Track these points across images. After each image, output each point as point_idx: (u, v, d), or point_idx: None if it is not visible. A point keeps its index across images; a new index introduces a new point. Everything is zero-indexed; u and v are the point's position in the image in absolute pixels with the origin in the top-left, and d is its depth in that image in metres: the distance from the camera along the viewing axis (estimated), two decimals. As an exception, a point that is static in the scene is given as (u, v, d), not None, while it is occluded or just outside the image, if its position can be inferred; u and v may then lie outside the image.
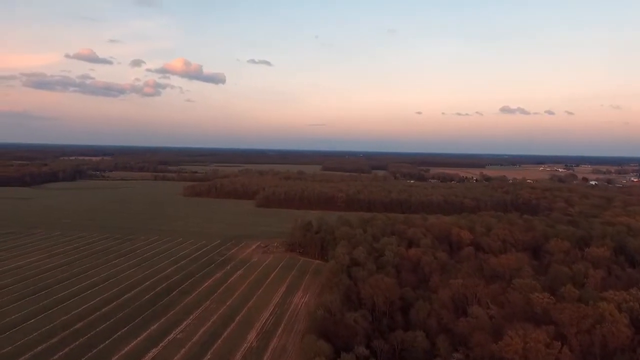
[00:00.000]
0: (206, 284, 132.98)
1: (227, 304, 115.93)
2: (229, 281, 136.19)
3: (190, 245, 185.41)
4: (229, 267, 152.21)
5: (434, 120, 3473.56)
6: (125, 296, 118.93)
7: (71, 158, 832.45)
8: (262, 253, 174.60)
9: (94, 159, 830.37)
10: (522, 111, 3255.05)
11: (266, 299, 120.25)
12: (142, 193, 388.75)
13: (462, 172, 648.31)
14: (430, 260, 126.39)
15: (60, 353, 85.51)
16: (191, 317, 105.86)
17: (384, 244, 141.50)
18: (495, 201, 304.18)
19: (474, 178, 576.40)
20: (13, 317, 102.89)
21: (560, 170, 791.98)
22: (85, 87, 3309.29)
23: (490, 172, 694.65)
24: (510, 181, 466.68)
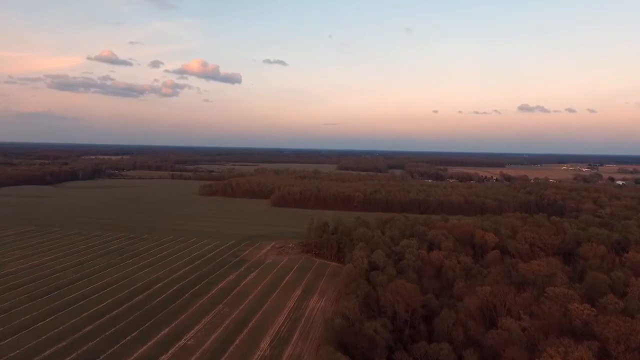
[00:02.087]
0: (219, 286, 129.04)
1: (240, 308, 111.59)
2: (242, 283, 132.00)
3: (205, 245, 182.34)
4: (243, 269, 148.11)
5: (451, 118, 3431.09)
6: (137, 298, 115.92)
7: (91, 157, 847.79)
8: (277, 254, 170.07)
9: (113, 158, 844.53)
10: (542, 109, 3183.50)
11: (281, 303, 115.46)
12: (158, 192, 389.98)
13: (481, 172, 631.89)
14: (453, 264, 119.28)
15: (67, 359, 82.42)
16: (203, 321, 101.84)
17: (404, 246, 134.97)
18: (519, 202, 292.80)
19: (494, 178, 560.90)
20: (24, 318, 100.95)
21: (583, 169, 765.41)
22: (106, 88, 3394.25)
23: (510, 171, 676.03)
24: (533, 181, 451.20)
